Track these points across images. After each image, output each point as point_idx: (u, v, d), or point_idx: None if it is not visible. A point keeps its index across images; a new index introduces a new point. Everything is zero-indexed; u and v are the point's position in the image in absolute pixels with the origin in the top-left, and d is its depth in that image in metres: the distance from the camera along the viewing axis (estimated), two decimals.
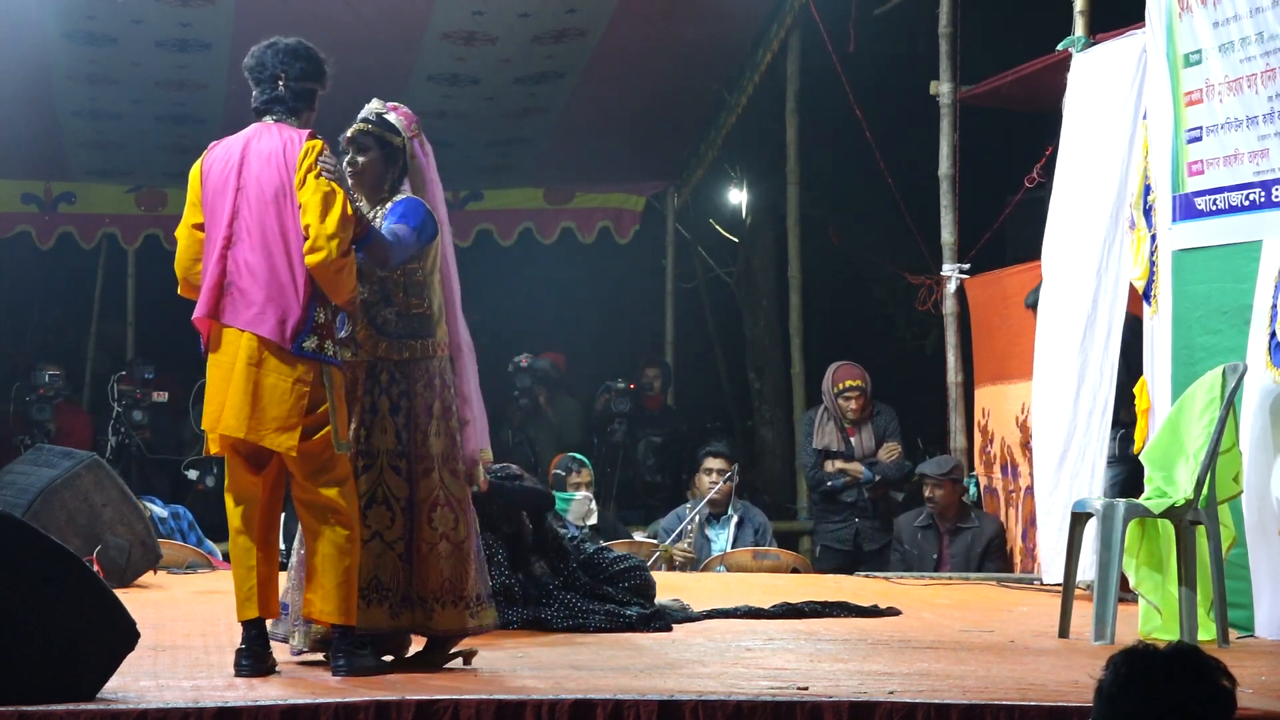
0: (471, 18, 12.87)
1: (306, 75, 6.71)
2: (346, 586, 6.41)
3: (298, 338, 6.37)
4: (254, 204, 6.47)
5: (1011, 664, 7.09)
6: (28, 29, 12.42)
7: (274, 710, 5.50)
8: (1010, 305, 11.88)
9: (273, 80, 6.67)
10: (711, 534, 11.82)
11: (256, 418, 6.37)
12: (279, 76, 6.67)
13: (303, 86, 6.69)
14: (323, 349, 6.41)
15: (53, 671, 5.55)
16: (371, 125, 6.90)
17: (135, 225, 15.95)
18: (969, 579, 11.17)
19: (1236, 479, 7.97)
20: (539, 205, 16.39)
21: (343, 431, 6.49)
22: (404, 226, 6.66)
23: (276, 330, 6.37)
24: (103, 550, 9.49)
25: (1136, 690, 3.49)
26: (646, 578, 8.78)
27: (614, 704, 5.66)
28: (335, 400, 6.46)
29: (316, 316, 6.42)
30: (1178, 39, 9.00)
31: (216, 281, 6.46)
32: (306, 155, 6.47)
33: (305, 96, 6.70)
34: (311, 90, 6.73)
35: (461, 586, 6.73)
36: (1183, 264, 9.00)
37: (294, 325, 6.37)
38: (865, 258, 16.84)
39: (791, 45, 14.19)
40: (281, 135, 6.57)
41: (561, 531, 8.86)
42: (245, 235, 6.46)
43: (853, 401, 12.24)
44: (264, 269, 6.41)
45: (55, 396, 14.04)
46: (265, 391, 6.37)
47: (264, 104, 6.68)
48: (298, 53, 6.73)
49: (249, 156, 6.54)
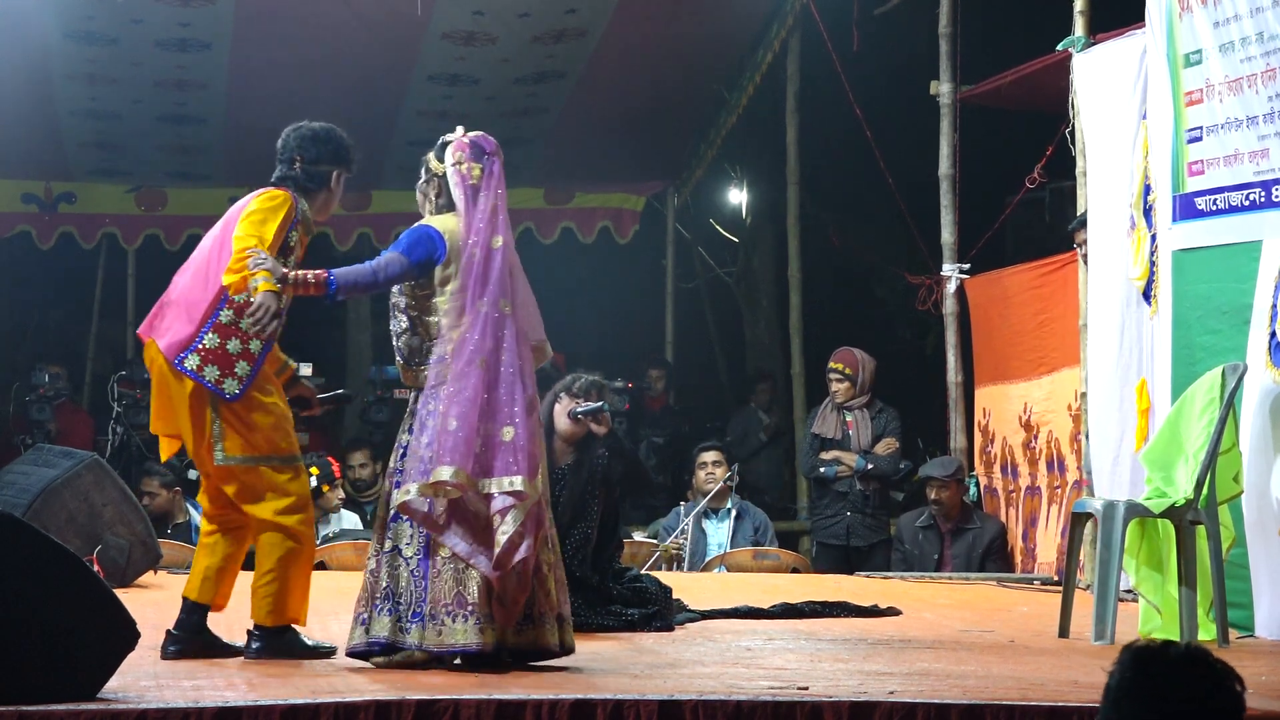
0: (471, 18, 12.87)
1: (323, 159, 7.04)
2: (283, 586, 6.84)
3: (180, 353, 6.75)
4: (209, 239, 6.92)
5: (1012, 664, 7.09)
6: (28, 29, 12.43)
7: (274, 710, 5.49)
8: (1011, 305, 11.87)
9: (290, 161, 7.02)
10: (709, 527, 11.79)
11: (166, 418, 6.91)
12: (295, 159, 7.01)
13: (317, 170, 7.03)
14: (200, 371, 6.75)
15: (53, 671, 5.55)
16: (430, 153, 7.04)
17: (135, 225, 15.97)
18: (969, 579, 11.17)
19: (1236, 479, 7.96)
20: (539, 205, 16.40)
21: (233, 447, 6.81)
22: (392, 252, 6.77)
23: (171, 343, 6.79)
24: (103, 550, 9.48)
25: (1143, 690, 3.46)
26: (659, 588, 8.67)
27: (614, 704, 5.66)
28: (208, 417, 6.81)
29: (204, 340, 6.76)
30: (1178, 39, 9.00)
31: (160, 301, 6.93)
32: (260, 194, 6.84)
33: (318, 178, 7.04)
34: (326, 173, 7.04)
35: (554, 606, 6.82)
36: (1183, 264, 9.00)
37: (181, 341, 6.76)
38: (865, 258, 16.84)
39: (792, 45, 14.20)
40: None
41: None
42: (191, 262, 6.93)
43: (833, 384, 12.27)
44: (188, 289, 6.86)
45: (55, 396, 14.05)
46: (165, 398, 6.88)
47: (278, 179, 7.00)
48: (319, 138, 7.06)
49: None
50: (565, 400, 8.51)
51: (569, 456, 8.52)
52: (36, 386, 14.01)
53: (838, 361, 12.31)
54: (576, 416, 8.45)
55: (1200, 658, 3.49)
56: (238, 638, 6.92)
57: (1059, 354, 11.20)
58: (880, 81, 14.08)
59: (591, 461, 8.48)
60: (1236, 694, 3.48)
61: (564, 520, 8.36)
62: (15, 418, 14.37)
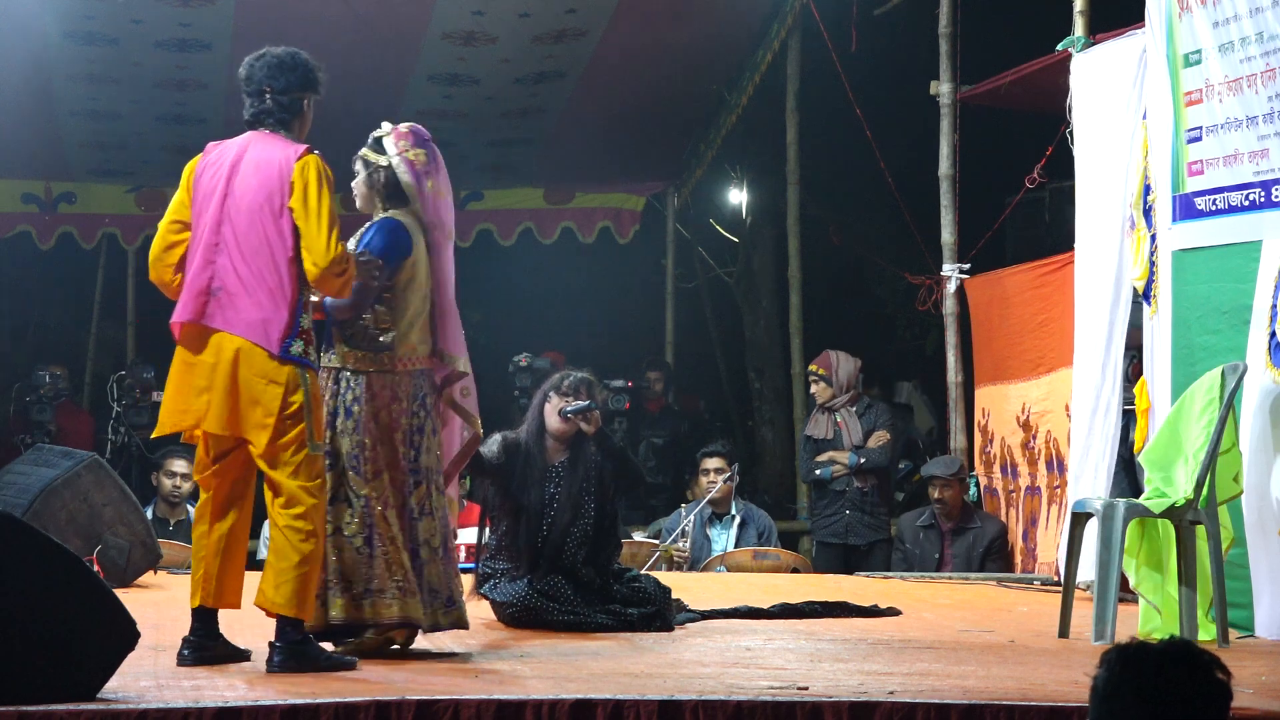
0: (471, 18, 12.88)
1: (293, 87, 6.83)
2: (302, 580, 6.54)
3: (284, 342, 6.53)
4: (244, 212, 6.61)
5: (1012, 664, 7.09)
6: (28, 29, 12.43)
7: (274, 710, 5.50)
8: (1011, 305, 11.87)
9: (259, 94, 6.81)
10: (713, 534, 11.81)
11: (238, 417, 6.54)
12: (265, 90, 6.81)
13: (290, 98, 6.82)
14: (305, 354, 6.58)
15: (53, 671, 5.55)
16: (364, 149, 7.25)
17: (135, 225, 15.97)
18: (969, 579, 11.17)
19: (1236, 479, 7.96)
20: (539, 205, 16.41)
21: (318, 433, 6.63)
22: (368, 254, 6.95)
23: (262, 335, 6.52)
24: (103, 550, 9.48)
25: (1131, 686, 3.48)
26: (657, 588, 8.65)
27: (614, 704, 5.66)
28: (312, 402, 6.60)
29: (302, 323, 6.58)
30: (1178, 39, 9.00)
31: (204, 287, 6.61)
32: (304, 169, 6.59)
33: (292, 108, 6.82)
34: (299, 100, 6.85)
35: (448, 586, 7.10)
36: (1182, 264, 9.00)
37: (280, 331, 6.52)
38: (866, 258, 16.84)
39: (792, 45, 14.20)
40: (278, 146, 6.71)
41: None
42: (233, 242, 6.60)
43: (812, 387, 12.36)
44: (251, 276, 6.56)
45: (56, 397, 14.05)
46: (246, 392, 6.54)
47: (254, 116, 6.82)
48: (284, 64, 6.84)
49: (241, 165, 6.68)
50: (555, 399, 8.52)
51: (562, 455, 8.52)
52: (37, 386, 14.01)
53: (814, 364, 12.43)
54: (567, 415, 8.46)
55: (1183, 650, 3.52)
56: (239, 638, 6.89)
57: (1057, 354, 11.19)
58: (880, 81, 14.08)
59: (586, 459, 8.49)
60: (1222, 683, 3.50)
61: (563, 519, 8.37)
62: (15, 418, 14.36)
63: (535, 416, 8.59)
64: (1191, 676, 3.49)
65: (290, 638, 6.54)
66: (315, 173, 6.59)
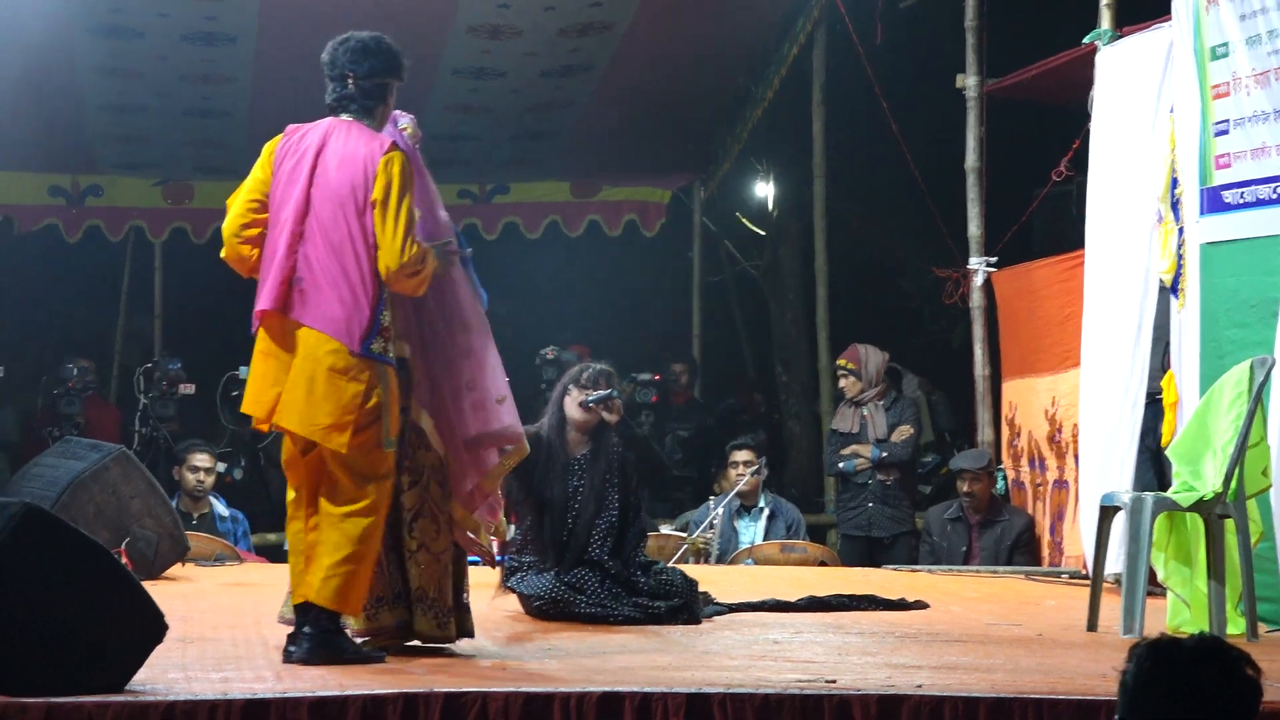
0: (497, 11, 12.88)
1: (376, 72, 6.74)
2: (350, 577, 6.46)
3: (365, 340, 6.45)
4: (328, 204, 6.52)
5: (1040, 657, 7.08)
6: (53, 22, 12.44)
7: (302, 702, 5.50)
8: (1038, 298, 11.85)
9: (342, 78, 6.72)
10: (741, 526, 11.81)
11: (313, 413, 6.43)
12: (348, 75, 6.71)
13: (373, 84, 6.73)
14: (385, 351, 6.50)
15: (81, 664, 5.56)
16: None
17: (162, 218, 16.01)
18: (997, 573, 11.16)
19: (1265, 473, 7.94)
20: (565, 198, 16.41)
21: (392, 430, 6.55)
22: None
23: (344, 331, 6.43)
24: (131, 542, 9.51)
25: (1161, 681, 3.48)
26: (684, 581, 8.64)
27: (641, 696, 5.65)
28: (389, 400, 6.52)
29: (382, 319, 6.50)
30: (1204, 32, 8.98)
31: (285, 276, 6.50)
32: (389, 164, 6.51)
33: (376, 93, 6.74)
34: (383, 86, 6.76)
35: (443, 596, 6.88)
36: (1210, 257, 8.98)
37: (362, 328, 6.44)
38: (892, 251, 16.82)
39: (817, 39, 14.19)
40: (362, 139, 6.61)
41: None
42: (317, 234, 6.51)
43: (841, 381, 12.40)
44: (335, 270, 6.47)
45: (83, 390, 14.07)
46: (324, 388, 6.43)
47: (336, 101, 6.73)
48: (369, 49, 6.77)
49: (326, 154, 6.59)
50: (575, 392, 8.52)
51: (584, 447, 8.52)
52: (64, 380, 14.03)
53: (843, 358, 12.45)
54: (588, 405, 8.46)
55: (1214, 647, 3.51)
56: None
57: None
58: (906, 74, 14.06)
59: (608, 450, 8.49)
60: (1252, 679, 3.49)
61: (588, 512, 8.37)
62: (43, 411, 14.40)
63: (555, 410, 8.59)
64: (1222, 673, 3.48)
65: (322, 625, 6.47)
66: (399, 170, 6.52)
